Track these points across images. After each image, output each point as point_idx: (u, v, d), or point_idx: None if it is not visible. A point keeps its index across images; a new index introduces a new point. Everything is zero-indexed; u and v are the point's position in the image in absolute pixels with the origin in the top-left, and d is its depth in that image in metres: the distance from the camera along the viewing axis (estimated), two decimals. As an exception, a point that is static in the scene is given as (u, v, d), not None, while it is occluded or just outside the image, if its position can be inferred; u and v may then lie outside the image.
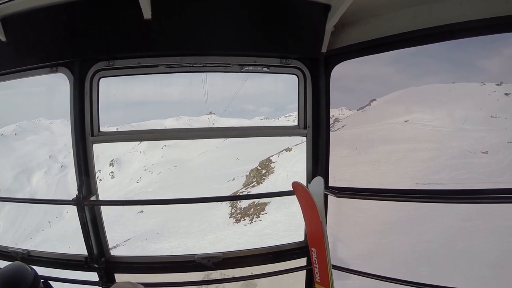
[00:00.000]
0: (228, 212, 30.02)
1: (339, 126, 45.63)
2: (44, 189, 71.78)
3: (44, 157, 79.29)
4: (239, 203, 30.19)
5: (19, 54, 3.00)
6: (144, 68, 3.12)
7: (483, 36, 2.73)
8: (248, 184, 36.21)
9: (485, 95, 39.09)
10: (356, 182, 21.06)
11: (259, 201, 28.07)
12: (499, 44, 57.49)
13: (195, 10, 2.82)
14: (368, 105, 53.54)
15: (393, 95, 53.07)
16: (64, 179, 73.74)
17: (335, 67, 3.25)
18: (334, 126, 48.27)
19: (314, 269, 3.28)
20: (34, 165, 76.36)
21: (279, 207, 24.80)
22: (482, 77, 60.42)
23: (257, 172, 36.82)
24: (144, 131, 3.57)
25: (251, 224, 25.93)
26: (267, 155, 38.87)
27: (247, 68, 3.19)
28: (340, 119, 51.99)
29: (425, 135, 29.70)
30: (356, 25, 3.03)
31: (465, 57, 64.34)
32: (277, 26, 2.97)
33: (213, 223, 28.80)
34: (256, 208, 27.53)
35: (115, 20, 2.83)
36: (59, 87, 75.25)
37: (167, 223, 30.56)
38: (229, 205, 30.87)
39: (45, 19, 2.84)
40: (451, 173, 20.07)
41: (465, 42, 57.58)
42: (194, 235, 26.87)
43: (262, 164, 37.42)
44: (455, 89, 44.03)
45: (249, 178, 37.81)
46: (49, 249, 3.57)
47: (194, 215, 30.96)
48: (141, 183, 64.88)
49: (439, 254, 12.11)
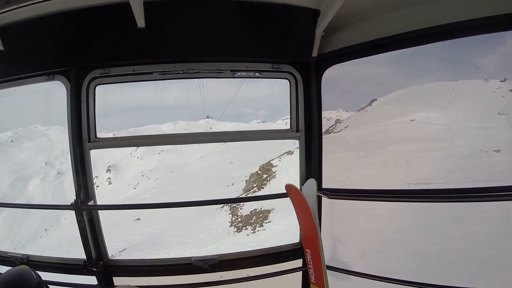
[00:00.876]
0: (228, 220, 29.24)
1: (341, 127, 45.41)
2: (41, 196, 71.40)
3: (41, 163, 78.99)
4: (239, 210, 29.33)
5: (16, 63, 3.08)
6: (139, 75, 3.20)
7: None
8: (249, 190, 35.08)
9: (489, 92, 38.56)
10: (367, 185, 20.34)
11: (261, 209, 27.21)
12: (494, 42, 57.60)
13: (187, 19, 2.91)
14: (368, 105, 53.33)
15: (393, 94, 52.61)
16: (60, 185, 73.47)
17: (326, 71, 3.33)
18: (335, 128, 47.52)
19: (309, 269, 3.35)
20: (31, 172, 76.04)
21: (283, 215, 23.92)
22: (480, 75, 60.40)
23: (258, 176, 35.87)
24: (141, 137, 3.64)
25: (254, 234, 25.07)
26: (267, 158, 37.83)
27: (239, 73, 3.28)
28: (341, 120, 51.53)
29: (433, 134, 28.81)
30: (345, 29, 3.12)
31: (463, 55, 64.63)
32: (268, 32, 3.05)
33: (213, 232, 28.13)
34: (259, 216, 26.71)
35: (110, 29, 2.91)
36: (55, 94, 75.18)
37: (165, 231, 29.93)
38: (229, 212, 30.21)
39: (42, 28, 2.92)
40: (465, 173, 19.17)
41: (462, 40, 57.49)
42: (193, 245, 26.29)
43: (263, 168, 36.37)
44: (458, 87, 43.54)
45: (249, 183, 36.75)
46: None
47: (193, 223, 30.18)
48: (138, 189, 64.54)
49: (433, 252, 12.13)
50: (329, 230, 7.38)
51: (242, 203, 31.09)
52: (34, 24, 2.89)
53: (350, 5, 2.76)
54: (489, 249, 11.03)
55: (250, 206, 29.12)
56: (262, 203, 27.70)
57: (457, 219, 13.02)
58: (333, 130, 46.73)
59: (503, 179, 17.56)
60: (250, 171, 39.48)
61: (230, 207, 31.43)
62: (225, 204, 31.86)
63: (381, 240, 13.44)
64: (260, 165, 37.54)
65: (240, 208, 30.16)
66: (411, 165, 23.41)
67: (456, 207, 12.90)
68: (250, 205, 29.17)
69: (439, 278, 10.07)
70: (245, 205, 29.98)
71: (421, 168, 22.15)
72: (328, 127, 48.68)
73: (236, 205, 31.02)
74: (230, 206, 31.49)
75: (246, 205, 29.75)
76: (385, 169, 23.77)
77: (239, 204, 31.20)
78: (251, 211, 28.12)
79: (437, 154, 23.89)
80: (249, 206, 29.23)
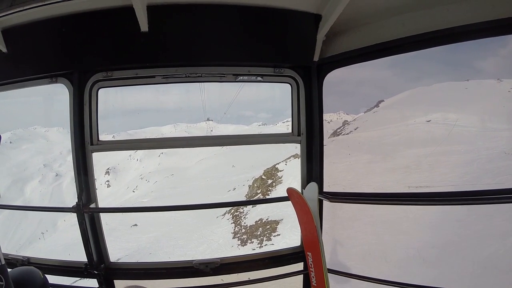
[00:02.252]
0: (231, 230, 27.69)
1: (350, 129, 43.49)
2: (38, 198, 71.12)
3: (39, 165, 78.85)
4: (243, 219, 27.75)
5: (20, 65, 3.14)
6: (142, 79, 3.26)
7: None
8: (252, 196, 32.69)
9: (504, 92, 36.57)
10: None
11: (268, 219, 25.46)
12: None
13: (190, 23, 2.96)
14: (375, 106, 51.04)
15: (401, 95, 50.67)
16: (58, 188, 73.20)
17: (327, 75, 3.38)
18: (344, 129, 45.51)
19: (311, 273, 3.40)
20: (29, 174, 75.85)
21: (294, 227, 21.45)
22: (488, 75, 59.59)
23: (262, 182, 33.66)
24: (143, 140, 3.70)
25: (261, 249, 22.78)
26: (271, 162, 35.84)
27: (241, 77, 3.33)
28: (349, 122, 49.29)
29: (453, 136, 26.99)
30: (346, 33, 3.18)
31: (466, 57, 64.40)
32: (269, 36, 3.12)
33: (214, 244, 26.75)
34: (265, 227, 24.91)
35: (113, 33, 2.97)
36: (56, 96, 75.16)
37: (161, 241, 28.64)
38: (232, 221, 28.71)
39: (46, 31, 2.98)
40: (495, 178, 17.64)
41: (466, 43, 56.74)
42: (191, 257, 24.19)
43: (268, 173, 33.87)
44: (471, 87, 41.36)
45: (252, 189, 34.21)
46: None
47: (192, 232, 28.79)
48: (137, 192, 63.94)
49: (433, 255, 12.07)
50: (330, 233, 7.37)
51: (246, 212, 29.21)
52: (38, 26, 2.94)
53: (351, 10, 2.83)
54: (490, 250, 10.99)
55: (255, 216, 27.33)
56: (269, 213, 25.89)
57: (459, 221, 12.95)
58: (341, 132, 44.91)
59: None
60: (252, 175, 37.74)
61: (233, 216, 29.82)
62: (224, 208, 29.80)
63: (382, 243, 13.38)
64: (264, 169, 35.45)
65: (244, 217, 28.72)
66: (435, 170, 21.68)
67: (457, 209, 12.78)
68: (255, 214, 27.41)
69: (440, 281, 10.11)
70: (249, 213, 28.58)
71: (445, 173, 20.86)
72: (335, 129, 47.35)
73: (239, 213, 29.50)
74: (233, 214, 29.95)
75: (250, 214, 28.16)
76: (407, 174, 22.41)
77: (242, 212, 29.48)
78: (256, 221, 26.27)
79: (461, 157, 22.28)
80: (254, 215, 27.56)
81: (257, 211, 27.57)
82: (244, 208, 30.01)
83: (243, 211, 29.58)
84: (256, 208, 28.51)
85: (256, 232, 25.31)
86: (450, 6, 2.66)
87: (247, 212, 29.13)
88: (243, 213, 29.29)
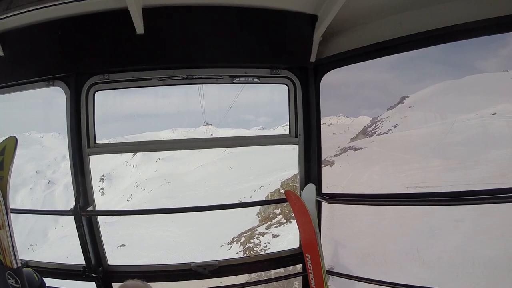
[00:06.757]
0: (240, 255, 22.77)
1: (388, 127, 38.90)
2: (29, 207, 70.22)
3: (31, 172, 78.41)
4: (255, 247, 23.93)
5: (17, 68, 3.25)
6: (138, 81, 3.37)
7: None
8: (269, 218, 25.68)
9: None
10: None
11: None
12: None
13: (185, 24, 3.07)
14: (400, 103, 46.70)
15: (429, 89, 45.87)
16: (50, 196, 72.71)
17: (326, 76, 3.48)
18: (376, 128, 41.27)
19: (309, 274, 3.46)
20: (20, 181, 75.33)
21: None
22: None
23: (280, 195, 23.24)
24: (141, 143, 3.80)
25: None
26: (283, 169, 30.23)
27: (238, 79, 3.44)
28: (382, 119, 43.63)
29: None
30: (343, 34, 3.29)
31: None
32: (266, 37, 3.22)
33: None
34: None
35: (110, 35, 3.08)
36: (52, 100, 74.92)
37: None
38: (239, 242, 25.31)
39: (42, 34, 3.09)
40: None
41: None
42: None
43: (287, 185, 26.58)
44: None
45: (268, 207, 25.53)
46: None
47: (193, 256, 24.85)
48: (131, 200, 63.12)
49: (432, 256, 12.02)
50: (329, 234, 7.35)
51: (264, 243, 25.03)
52: (34, 30, 3.05)
53: (347, 10, 2.93)
54: (491, 251, 10.99)
55: (268, 245, 23.77)
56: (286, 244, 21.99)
57: (458, 221, 12.89)
58: (375, 132, 40.59)
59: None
60: (259, 183, 34.83)
61: (240, 244, 25.96)
62: (230, 234, 26.47)
63: (381, 244, 13.35)
64: (283, 180, 29.48)
65: (256, 245, 24.94)
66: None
67: (458, 209, 12.65)
68: (268, 245, 24.28)
69: (440, 282, 10.13)
70: (269, 245, 24.39)
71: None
72: (364, 128, 43.31)
73: (253, 244, 24.89)
74: (241, 243, 26.01)
75: (262, 242, 24.93)
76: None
77: (257, 244, 24.86)
78: (266, 244, 23.45)
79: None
80: (265, 242, 24.53)
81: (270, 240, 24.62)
82: (260, 237, 25.84)
83: (258, 242, 25.64)
84: (274, 232, 25.44)
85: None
86: (447, 4, 2.75)
87: (266, 244, 25.17)
88: (259, 244, 25.41)
